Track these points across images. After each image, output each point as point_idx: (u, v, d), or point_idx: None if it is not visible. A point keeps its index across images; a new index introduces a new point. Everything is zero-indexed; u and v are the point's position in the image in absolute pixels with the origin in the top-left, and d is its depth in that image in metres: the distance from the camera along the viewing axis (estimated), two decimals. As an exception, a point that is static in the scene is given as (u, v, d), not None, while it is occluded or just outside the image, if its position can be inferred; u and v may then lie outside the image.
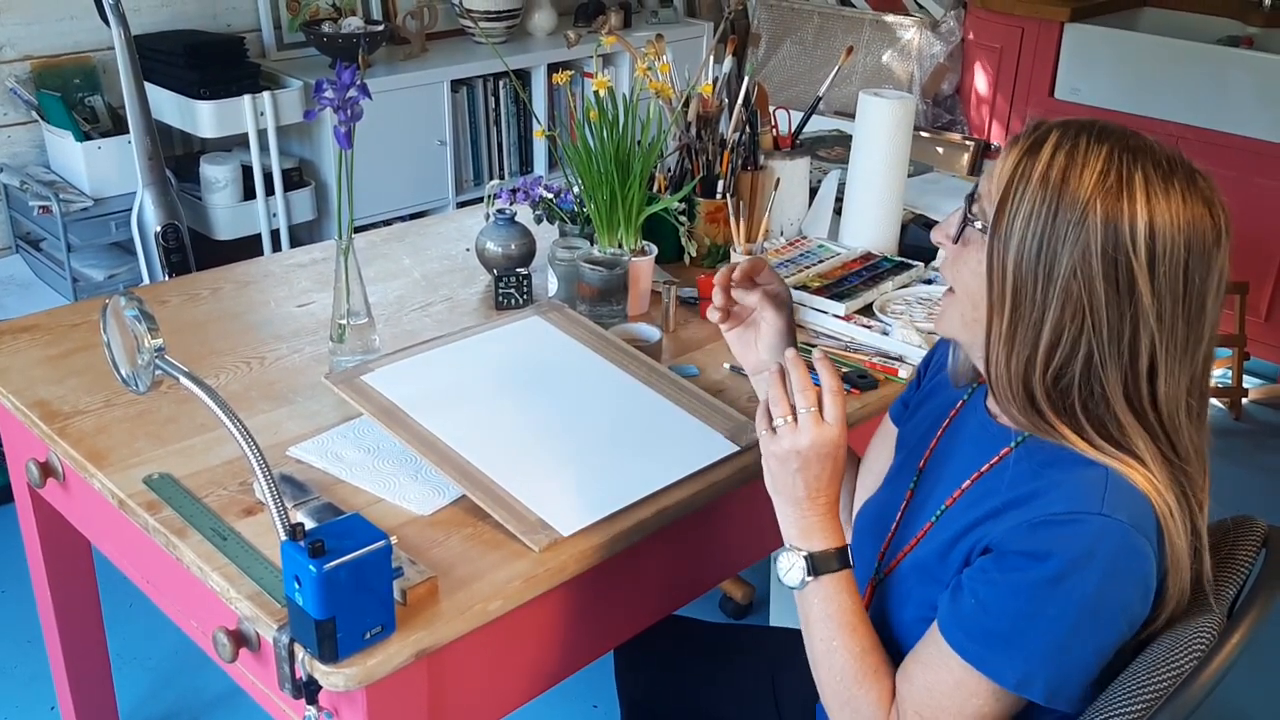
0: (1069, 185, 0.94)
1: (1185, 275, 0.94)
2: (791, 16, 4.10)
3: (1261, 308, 3.29)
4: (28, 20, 2.85)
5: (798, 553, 1.10)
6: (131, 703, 2.12)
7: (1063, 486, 0.98)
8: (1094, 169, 0.94)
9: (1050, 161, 0.95)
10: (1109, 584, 0.95)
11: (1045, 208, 0.95)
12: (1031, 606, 0.96)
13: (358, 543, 1.02)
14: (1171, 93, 3.32)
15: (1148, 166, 0.94)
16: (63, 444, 1.40)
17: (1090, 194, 0.94)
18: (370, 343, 1.57)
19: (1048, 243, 0.95)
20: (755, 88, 1.93)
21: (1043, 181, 0.95)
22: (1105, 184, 0.94)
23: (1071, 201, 0.94)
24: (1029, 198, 0.96)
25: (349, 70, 1.40)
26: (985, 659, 0.98)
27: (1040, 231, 0.95)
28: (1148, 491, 0.97)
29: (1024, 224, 0.96)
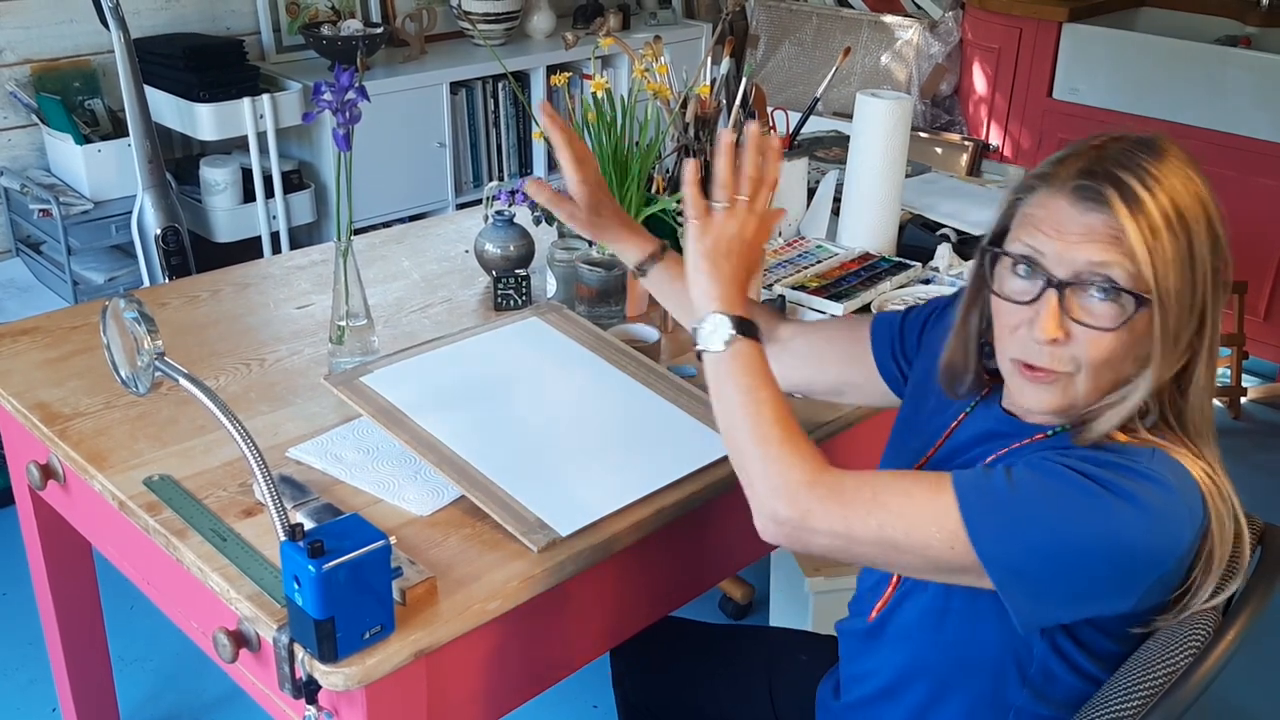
0: (1188, 223, 0.96)
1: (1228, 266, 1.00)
2: (789, 18, 4.10)
3: (1260, 307, 3.29)
4: (27, 24, 2.85)
5: (721, 316, 1.10)
6: (132, 704, 2.13)
7: (1110, 450, 1.00)
8: (1185, 194, 0.97)
9: (1157, 203, 0.96)
10: (1140, 535, 0.95)
11: (1184, 252, 0.96)
12: (1055, 511, 0.95)
13: (357, 543, 1.03)
14: (1169, 92, 3.32)
15: (1185, 164, 0.98)
16: (63, 446, 1.40)
17: (1199, 224, 0.97)
18: (369, 344, 1.57)
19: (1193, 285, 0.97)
20: (753, 89, 1.93)
21: (1168, 225, 0.96)
22: (1197, 209, 0.97)
23: (1198, 239, 0.97)
24: (1169, 246, 0.96)
25: (347, 73, 1.41)
26: (976, 517, 0.96)
27: (1187, 277, 0.97)
28: (1192, 469, 0.99)
29: (1178, 273, 0.96)
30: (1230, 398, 3.25)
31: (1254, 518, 1.18)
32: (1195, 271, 0.97)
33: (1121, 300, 0.97)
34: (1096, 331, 0.98)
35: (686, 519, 1.35)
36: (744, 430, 1.07)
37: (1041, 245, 0.99)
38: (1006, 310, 1.03)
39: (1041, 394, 1.03)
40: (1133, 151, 0.98)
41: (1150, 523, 0.95)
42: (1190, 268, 0.96)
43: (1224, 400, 3.28)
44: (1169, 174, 0.96)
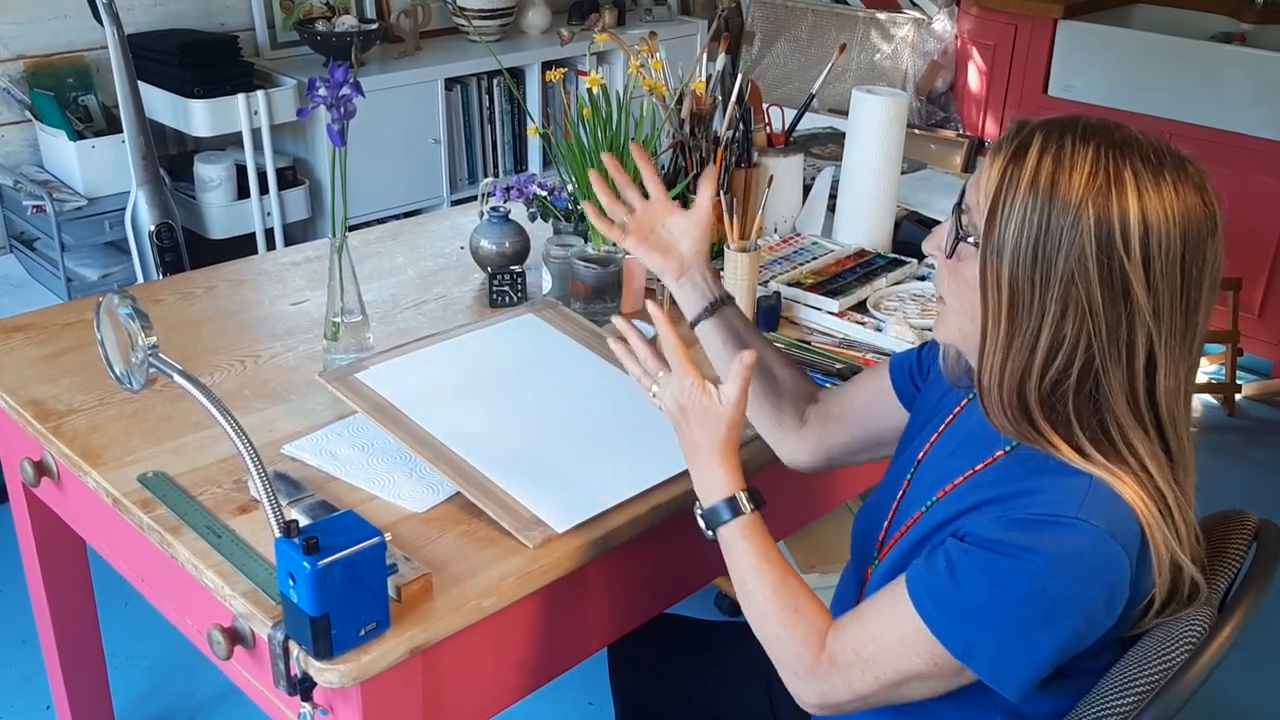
0: (1059, 188, 0.93)
1: (1182, 268, 0.93)
2: (785, 14, 4.10)
3: (1255, 304, 3.30)
4: (20, 20, 2.84)
5: (703, 508, 1.15)
6: (127, 701, 2.12)
7: (1045, 491, 0.98)
8: (1082, 169, 0.93)
9: (1038, 166, 0.94)
10: (1080, 587, 0.96)
11: (1037, 214, 0.93)
12: (999, 590, 0.96)
13: (352, 539, 1.03)
14: (1164, 89, 3.32)
15: (1136, 161, 0.93)
16: (57, 443, 1.40)
17: (1081, 195, 0.92)
18: (364, 341, 1.57)
19: (1042, 249, 0.94)
20: (749, 85, 1.93)
21: (1031, 187, 0.94)
22: (1095, 183, 0.92)
23: (1064, 205, 0.92)
24: (1019, 205, 0.94)
25: (342, 68, 1.41)
26: (939, 622, 0.99)
27: (1034, 238, 0.94)
28: (1132, 501, 0.97)
29: (1016, 232, 0.94)
30: (1224, 394, 3.25)
31: (1248, 514, 1.19)
32: (1046, 248, 0.93)
33: (961, 234, 1.00)
34: (950, 259, 1.02)
35: (682, 515, 1.35)
36: (749, 613, 1.12)
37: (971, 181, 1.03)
38: None
39: (936, 321, 1.08)
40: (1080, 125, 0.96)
41: (1088, 571, 0.95)
42: (1039, 241, 0.93)
43: (1218, 397, 3.28)
44: (1086, 159, 0.93)
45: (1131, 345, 0.95)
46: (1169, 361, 0.96)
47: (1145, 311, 0.94)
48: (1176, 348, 0.96)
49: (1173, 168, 0.94)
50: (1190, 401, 1.01)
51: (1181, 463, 1.01)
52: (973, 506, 1.03)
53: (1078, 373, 0.96)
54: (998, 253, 0.96)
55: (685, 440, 1.16)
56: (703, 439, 1.14)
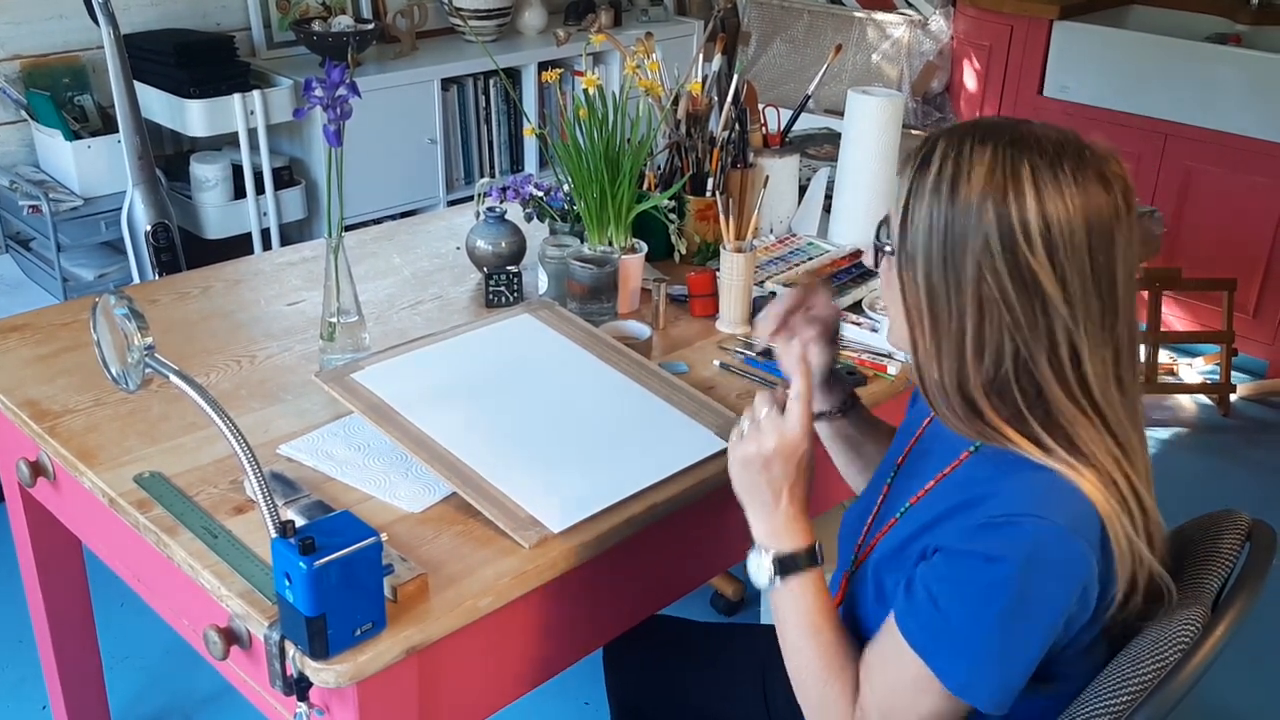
0: (959, 191, 0.96)
1: (1090, 256, 0.96)
2: (781, 15, 4.10)
3: (1249, 304, 3.30)
4: (16, 20, 2.84)
5: (765, 553, 1.12)
6: (123, 702, 2.12)
7: (1007, 491, 1.00)
8: (981, 171, 0.96)
9: (939, 172, 0.97)
10: (1047, 586, 0.97)
11: (942, 218, 0.97)
12: (977, 605, 0.98)
13: (348, 540, 1.03)
14: (1160, 90, 3.33)
15: (1033, 157, 0.95)
16: (53, 443, 1.40)
17: (981, 196, 0.95)
18: (360, 341, 1.57)
19: (950, 251, 0.97)
20: (745, 86, 1.93)
21: (935, 192, 0.97)
22: (994, 183, 0.95)
23: (965, 207, 0.96)
24: (925, 211, 0.97)
25: (338, 69, 1.41)
26: (935, 654, 1.00)
27: (942, 242, 0.97)
28: (1092, 495, 0.98)
29: (925, 237, 0.98)
30: (1219, 395, 3.26)
31: (1241, 514, 1.19)
32: (954, 250, 0.96)
33: (879, 244, 1.05)
34: (880, 270, 1.06)
35: (678, 515, 1.36)
36: (791, 660, 1.12)
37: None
38: None
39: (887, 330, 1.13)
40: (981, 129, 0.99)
41: (1056, 568, 0.97)
42: (946, 243, 0.96)
43: (1213, 397, 3.29)
44: (984, 161, 0.96)
45: (1051, 336, 0.97)
46: (1092, 348, 0.98)
47: (1057, 302, 0.96)
48: (1098, 332, 0.98)
49: (1072, 159, 0.96)
50: (1128, 385, 1.02)
51: (1130, 447, 1.02)
52: (943, 515, 1.04)
53: (1011, 367, 0.98)
54: (911, 259, 0.99)
55: (766, 483, 1.11)
56: (791, 483, 1.11)
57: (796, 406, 1.11)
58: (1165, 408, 3.29)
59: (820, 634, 1.10)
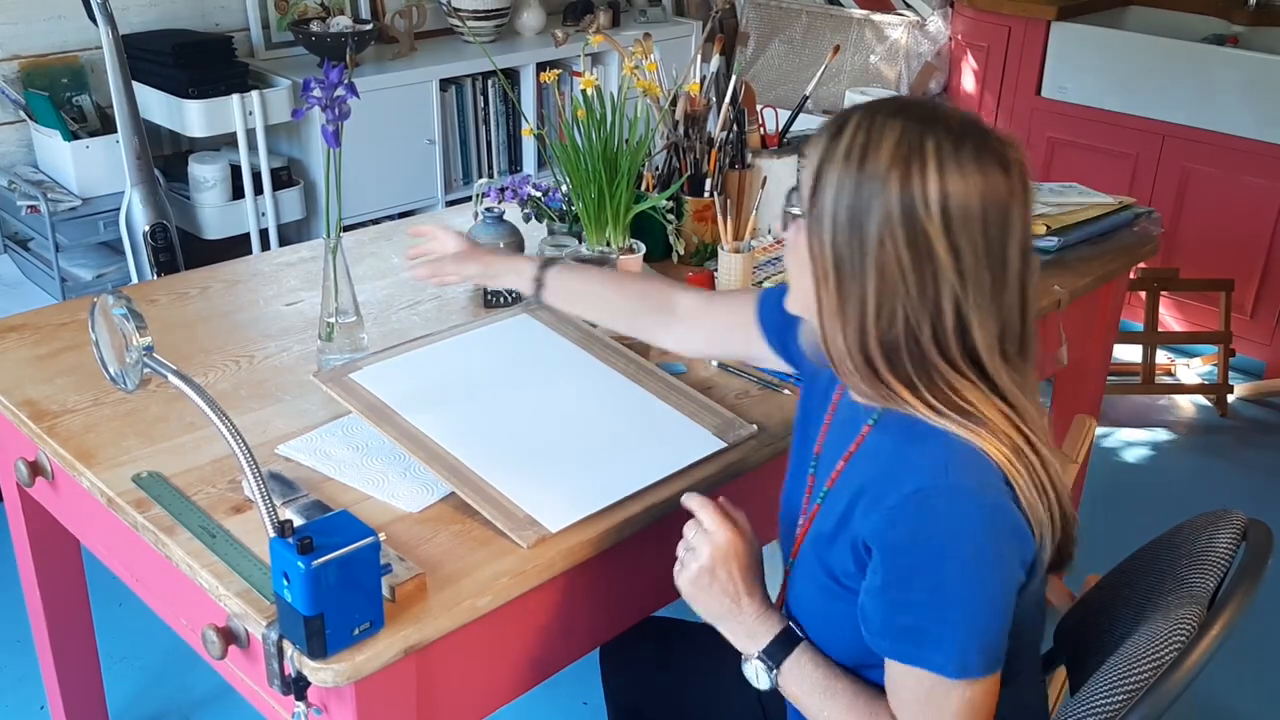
0: (868, 161, 0.99)
1: (984, 232, 0.99)
2: (780, 15, 4.11)
3: (1247, 305, 3.31)
4: (14, 20, 2.84)
5: (753, 659, 1.15)
6: (121, 702, 2.12)
7: (911, 466, 1.03)
8: (889, 143, 0.99)
9: (851, 141, 1.01)
10: (983, 543, 0.99)
11: (850, 184, 1.00)
12: (927, 593, 1.00)
13: (346, 539, 1.03)
14: (1158, 91, 3.33)
15: (939, 135, 0.99)
16: (51, 443, 1.40)
17: (887, 166, 0.99)
18: (359, 341, 1.57)
19: (856, 216, 1.00)
20: (743, 86, 1.93)
21: (845, 160, 1.00)
22: (899, 155, 0.99)
23: (872, 175, 0.99)
24: (835, 177, 1.01)
25: (336, 69, 1.41)
26: (921, 657, 1.02)
27: (849, 206, 1.00)
28: (985, 449, 1.01)
29: (833, 202, 1.01)
30: (1217, 395, 3.26)
31: (1237, 513, 1.19)
32: (859, 216, 0.99)
33: (793, 210, 1.07)
34: (787, 235, 1.08)
35: (675, 516, 1.35)
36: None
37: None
38: None
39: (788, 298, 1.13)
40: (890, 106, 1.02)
41: (985, 526, 0.99)
42: (853, 209, 1.00)
43: (1211, 398, 3.29)
44: (894, 133, 0.99)
45: (939, 304, 1.00)
46: (980, 319, 1.01)
47: (949, 272, 0.99)
48: (987, 305, 1.01)
49: (975, 140, 1.00)
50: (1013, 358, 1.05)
51: (1021, 407, 1.04)
52: (856, 497, 1.07)
53: (903, 331, 1.02)
54: (819, 222, 1.02)
55: (720, 592, 1.16)
56: (740, 582, 1.16)
57: (706, 513, 1.16)
58: (1163, 409, 3.29)
59: (837, 694, 1.12)
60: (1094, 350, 2.22)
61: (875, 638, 1.05)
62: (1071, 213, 2.04)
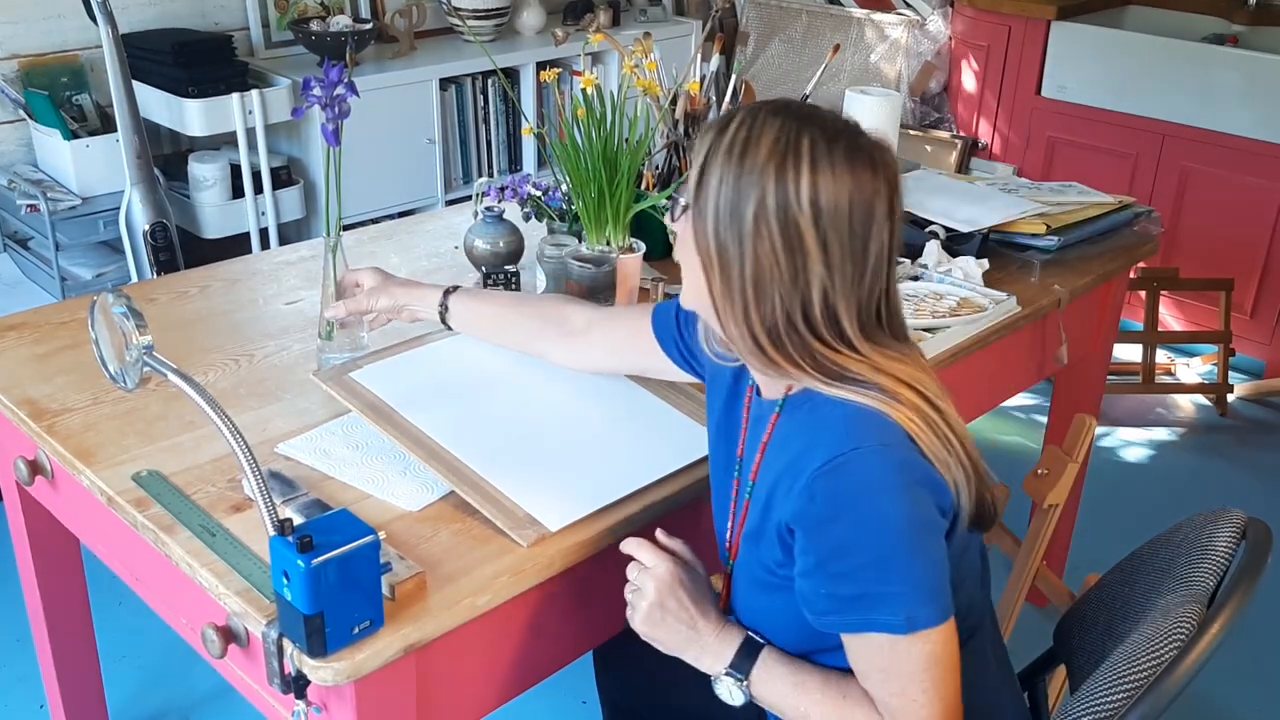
0: (748, 154, 1.04)
1: (850, 226, 1.04)
2: (780, 15, 4.11)
3: (1247, 305, 3.31)
4: (14, 19, 2.84)
5: (723, 677, 1.17)
6: (121, 700, 2.12)
7: (816, 441, 1.06)
8: (768, 139, 1.04)
9: (734, 137, 1.05)
10: (900, 498, 1.02)
11: (732, 176, 1.04)
12: (862, 556, 1.03)
13: (346, 538, 1.03)
14: (1157, 90, 3.33)
15: (815, 133, 1.04)
16: (51, 441, 1.40)
17: (765, 160, 1.03)
18: (359, 340, 1.57)
19: (735, 206, 1.04)
20: (742, 85, 1.94)
21: (728, 153, 1.05)
22: (777, 150, 1.03)
23: (750, 168, 1.04)
24: (718, 170, 1.05)
25: (337, 68, 1.41)
26: (870, 621, 1.04)
27: (730, 198, 1.04)
28: (884, 411, 1.05)
29: (716, 193, 1.05)
30: (1217, 395, 3.26)
31: (1237, 512, 1.19)
32: (739, 206, 1.04)
33: (682, 203, 1.11)
34: (676, 228, 1.12)
35: (675, 514, 1.36)
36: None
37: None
38: None
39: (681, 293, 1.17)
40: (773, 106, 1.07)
41: (898, 481, 1.03)
42: (733, 200, 1.04)
43: (1210, 397, 3.30)
44: (773, 131, 1.04)
45: (808, 291, 1.05)
46: (846, 302, 1.06)
47: (817, 262, 1.04)
48: (851, 289, 1.06)
49: (848, 141, 1.05)
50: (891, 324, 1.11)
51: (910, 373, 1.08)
52: (774, 485, 1.11)
53: (782, 317, 1.06)
54: (703, 214, 1.07)
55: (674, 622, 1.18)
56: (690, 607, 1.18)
57: (644, 551, 1.19)
58: (1163, 408, 3.29)
59: (807, 687, 1.13)
60: (1094, 349, 2.22)
61: (821, 617, 1.07)
62: (1071, 212, 2.04)
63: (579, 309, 1.48)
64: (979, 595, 1.20)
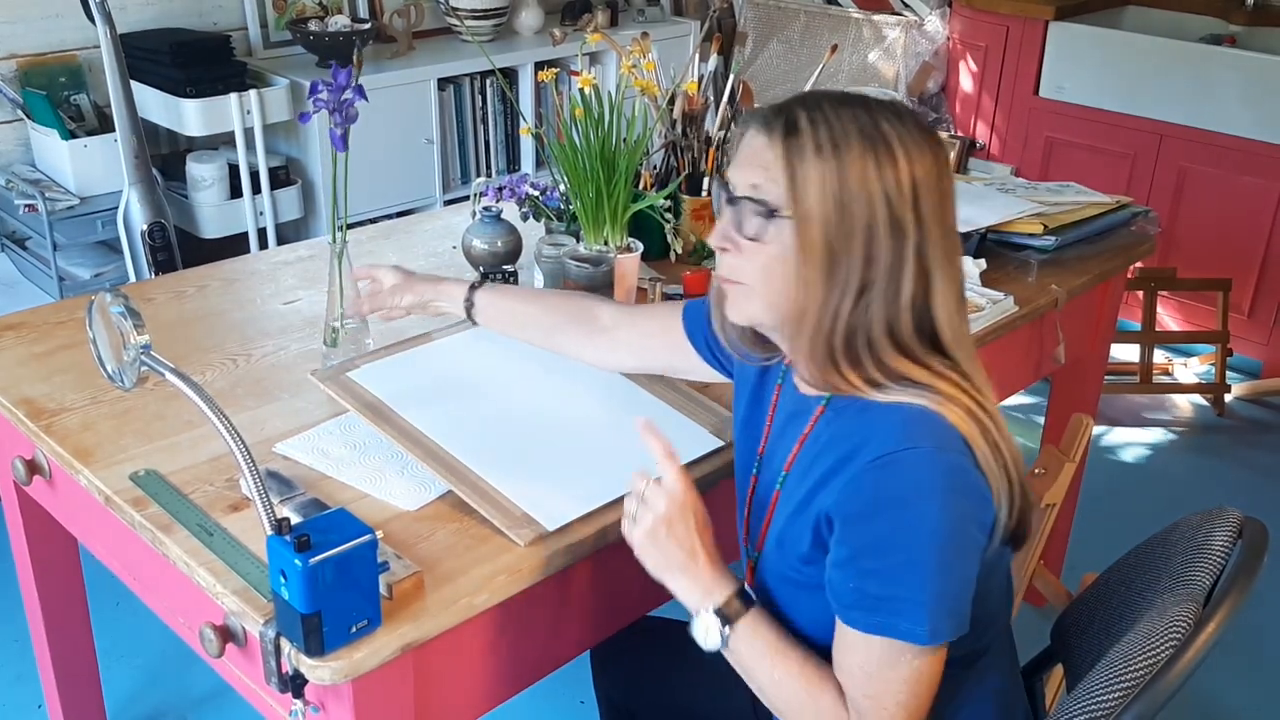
0: (841, 149, 1.02)
1: (941, 197, 1.05)
2: (778, 15, 4.11)
3: (1245, 305, 3.31)
4: (13, 19, 2.84)
5: (706, 613, 1.15)
6: (119, 700, 2.12)
7: (870, 436, 1.05)
8: (854, 130, 1.03)
9: (815, 135, 1.03)
10: (945, 504, 1.01)
11: (834, 174, 1.02)
12: (893, 559, 1.01)
13: (343, 537, 1.03)
14: (1155, 91, 3.34)
15: (885, 115, 1.04)
16: (49, 441, 1.40)
17: (861, 151, 1.02)
18: (363, 346, 1.57)
19: (843, 202, 1.02)
20: (740, 85, 1.94)
21: (818, 153, 1.02)
22: (866, 139, 1.02)
23: (850, 161, 1.02)
24: (814, 171, 1.02)
25: (345, 72, 1.38)
26: (891, 626, 1.03)
27: (836, 194, 1.02)
28: (942, 413, 1.03)
29: (819, 194, 1.02)
30: (1214, 394, 3.27)
31: (1233, 511, 1.20)
32: (845, 202, 1.02)
33: (765, 213, 1.05)
34: (752, 242, 1.07)
35: (673, 514, 1.36)
36: (774, 695, 1.14)
37: (729, 169, 1.10)
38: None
39: (731, 305, 1.12)
40: (828, 97, 1.06)
41: (945, 486, 1.01)
42: (839, 197, 1.02)
43: (1208, 397, 3.30)
44: (852, 122, 1.03)
45: (902, 274, 1.04)
46: (943, 282, 1.05)
47: (919, 242, 1.03)
48: (947, 266, 1.06)
49: (913, 119, 1.06)
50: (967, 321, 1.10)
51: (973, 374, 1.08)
52: (821, 480, 1.09)
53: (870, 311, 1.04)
54: (807, 218, 1.03)
55: (676, 545, 1.15)
56: (696, 537, 1.15)
57: (669, 467, 1.16)
58: (1161, 408, 3.29)
59: (789, 658, 1.12)
60: (1091, 349, 2.22)
61: (846, 610, 1.06)
62: (1069, 212, 2.05)
63: (606, 306, 1.46)
64: (999, 613, 1.18)
